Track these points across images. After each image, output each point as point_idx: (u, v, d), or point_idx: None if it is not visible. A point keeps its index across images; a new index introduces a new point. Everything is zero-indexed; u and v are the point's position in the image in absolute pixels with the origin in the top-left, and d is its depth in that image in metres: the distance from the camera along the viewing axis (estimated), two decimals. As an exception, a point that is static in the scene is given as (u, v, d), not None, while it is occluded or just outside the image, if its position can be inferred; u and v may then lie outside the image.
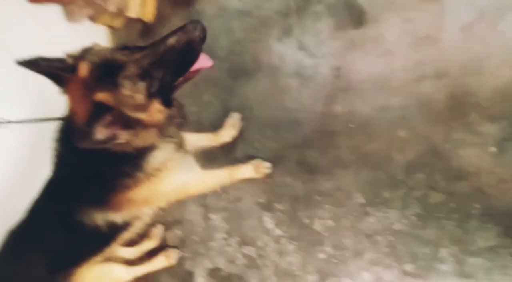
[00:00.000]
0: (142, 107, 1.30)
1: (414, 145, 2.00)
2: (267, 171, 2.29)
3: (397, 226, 2.03)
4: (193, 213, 2.66)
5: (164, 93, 1.38)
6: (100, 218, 1.64)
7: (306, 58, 2.29)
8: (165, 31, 2.85)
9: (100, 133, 1.20)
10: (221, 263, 2.51)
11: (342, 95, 2.17)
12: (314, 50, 2.27)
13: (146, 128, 1.35)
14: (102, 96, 1.26)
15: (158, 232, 2.72)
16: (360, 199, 2.11)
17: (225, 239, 2.53)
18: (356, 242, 2.11)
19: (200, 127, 2.46)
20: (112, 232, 1.74)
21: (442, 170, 1.94)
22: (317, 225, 2.22)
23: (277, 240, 2.34)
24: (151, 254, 2.67)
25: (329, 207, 2.19)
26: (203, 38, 1.30)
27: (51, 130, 1.56)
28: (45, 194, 1.65)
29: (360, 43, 2.15)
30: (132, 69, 1.27)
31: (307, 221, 2.25)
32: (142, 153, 1.49)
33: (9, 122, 1.75)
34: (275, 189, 2.36)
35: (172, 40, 1.27)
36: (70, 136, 1.27)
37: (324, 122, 2.23)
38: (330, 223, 2.18)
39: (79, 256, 1.78)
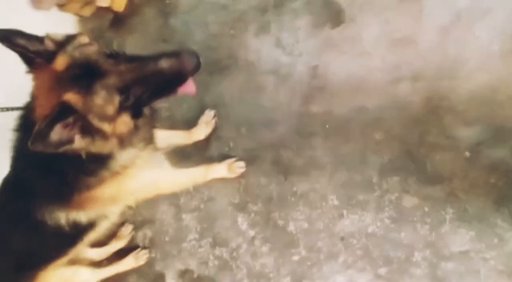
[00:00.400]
0: (109, 119, 1.22)
1: (389, 147, 1.99)
2: (241, 170, 2.25)
3: (371, 229, 2.02)
4: (164, 212, 2.57)
5: (136, 108, 1.30)
6: (63, 217, 1.53)
7: (283, 56, 2.25)
8: (136, 22, 2.84)
9: (56, 134, 1.10)
10: (193, 264, 2.44)
11: (318, 95, 2.14)
12: (292, 48, 2.23)
13: (105, 138, 1.26)
14: (71, 97, 1.15)
15: (126, 231, 2.62)
16: (335, 201, 2.09)
17: (197, 240, 2.45)
18: (330, 245, 2.09)
19: (173, 124, 2.38)
20: (76, 232, 1.65)
21: (416, 173, 1.93)
22: (292, 227, 2.18)
23: (250, 241, 2.29)
24: (119, 255, 2.57)
25: (304, 209, 2.16)
26: (195, 71, 1.24)
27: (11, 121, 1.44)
28: (3, 192, 1.55)
29: (337, 42, 2.12)
30: (112, 80, 1.19)
31: (281, 222, 2.21)
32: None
33: None
34: (249, 189, 2.31)
35: (164, 64, 1.21)
36: (30, 128, 1.16)
37: (300, 122, 2.19)
38: (305, 224, 2.15)
39: (42, 259, 1.69)
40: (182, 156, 2.32)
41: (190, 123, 2.37)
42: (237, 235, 2.33)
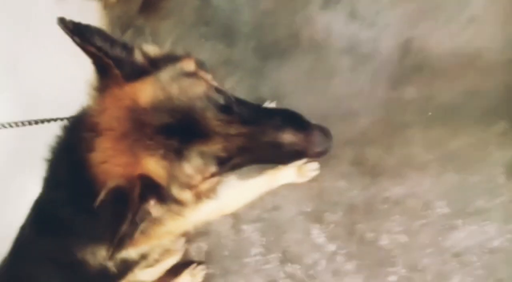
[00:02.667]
0: (191, 187, 0.95)
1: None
2: (314, 173, 1.93)
3: (497, 243, 1.67)
4: (220, 223, 2.26)
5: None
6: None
7: (362, 30, 1.86)
8: (170, 3, 2.46)
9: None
10: (260, 283, 2.12)
11: (414, 76, 1.77)
12: (373, 19, 1.83)
13: (182, 205, 0.99)
14: (154, 168, 0.84)
15: (178, 245, 2.32)
16: (444, 208, 1.74)
17: (262, 254, 2.14)
18: (440, 262, 1.75)
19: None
20: (125, 269, 1.42)
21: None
22: (385, 241, 1.84)
23: (331, 257, 1.97)
24: (173, 271, 2.29)
25: (400, 218, 1.82)
26: (321, 156, 0.97)
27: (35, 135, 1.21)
28: (33, 222, 1.29)
29: (437, 7, 1.71)
30: (216, 148, 0.88)
31: (370, 235, 1.87)
32: None
33: None
34: (324, 195, 1.97)
35: (286, 138, 0.91)
36: (77, 151, 0.92)
37: (389, 111, 1.82)
38: (403, 238, 1.81)
39: None
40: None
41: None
42: (312, 250, 2.01)
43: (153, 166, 0.84)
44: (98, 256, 1.23)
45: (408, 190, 1.79)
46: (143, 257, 1.43)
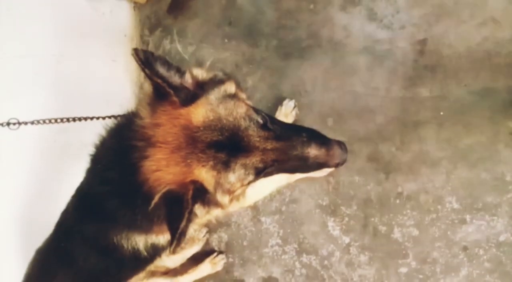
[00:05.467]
0: (230, 192, 1.09)
1: (528, 137, 1.59)
2: (330, 169, 1.91)
3: (504, 237, 1.69)
4: (240, 214, 2.34)
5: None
6: (142, 241, 1.39)
7: (380, 30, 1.90)
8: (197, 4, 2.55)
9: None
10: (277, 272, 2.21)
11: (428, 76, 1.78)
12: (390, 20, 1.88)
13: (220, 207, 1.14)
14: (205, 175, 1.00)
15: (200, 235, 2.42)
16: (454, 203, 1.76)
17: (280, 245, 2.21)
18: (449, 256, 1.77)
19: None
20: (154, 253, 1.50)
21: None
22: (397, 234, 1.87)
23: (345, 249, 2.01)
24: (195, 260, 2.38)
25: (412, 213, 1.85)
26: (340, 166, 1.15)
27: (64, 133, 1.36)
28: (76, 208, 1.40)
29: (452, 9, 1.73)
30: (254, 160, 1.04)
31: (383, 228, 1.91)
32: None
33: (20, 123, 1.45)
34: (340, 189, 2.02)
35: (311, 152, 1.08)
36: (121, 148, 1.07)
37: (404, 109, 1.85)
38: (414, 231, 1.84)
39: (116, 279, 1.57)
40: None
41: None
42: (328, 242, 2.06)
43: (204, 174, 0.99)
44: (132, 241, 1.35)
45: (420, 186, 1.82)
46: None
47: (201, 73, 1.09)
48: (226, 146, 1.00)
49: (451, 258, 1.77)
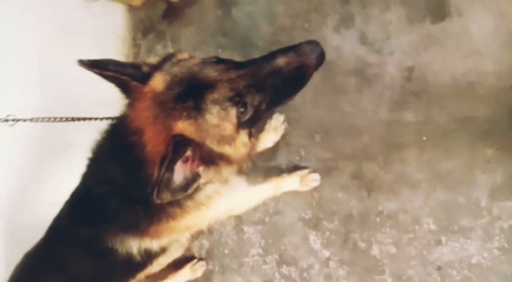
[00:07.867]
0: (229, 140, 1.06)
1: (503, 166, 1.69)
2: (315, 183, 2.03)
3: (476, 259, 1.76)
4: (223, 223, 2.35)
5: (251, 124, 1.10)
6: (135, 245, 1.40)
7: (370, 54, 1.96)
8: (193, 12, 2.57)
9: (179, 175, 0.94)
10: (256, 281, 2.22)
11: (414, 101, 1.86)
12: (381, 45, 1.95)
13: (230, 163, 1.10)
14: (183, 127, 0.99)
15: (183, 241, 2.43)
16: (431, 225, 1.84)
17: (261, 255, 2.24)
18: (424, 274, 1.84)
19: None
20: (146, 259, 1.51)
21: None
22: (375, 250, 1.94)
23: (324, 262, 2.06)
24: (175, 265, 2.39)
25: (391, 231, 1.91)
26: (319, 64, 1.08)
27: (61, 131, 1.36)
28: (70, 212, 1.40)
29: (439, 39, 1.83)
30: (223, 91, 1.02)
31: (362, 244, 1.97)
32: None
33: (17, 120, 1.44)
34: (323, 204, 2.07)
35: (280, 61, 1.05)
36: (118, 148, 1.11)
37: (389, 131, 1.92)
38: (392, 249, 1.91)
39: None
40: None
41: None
42: (308, 254, 2.10)
43: (182, 126, 0.99)
44: (126, 244, 1.36)
45: (400, 206, 1.88)
46: (163, 250, 1.54)
47: (154, 59, 1.14)
48: (190, 93, 1.01)
49: (425, 277, 1.83)
